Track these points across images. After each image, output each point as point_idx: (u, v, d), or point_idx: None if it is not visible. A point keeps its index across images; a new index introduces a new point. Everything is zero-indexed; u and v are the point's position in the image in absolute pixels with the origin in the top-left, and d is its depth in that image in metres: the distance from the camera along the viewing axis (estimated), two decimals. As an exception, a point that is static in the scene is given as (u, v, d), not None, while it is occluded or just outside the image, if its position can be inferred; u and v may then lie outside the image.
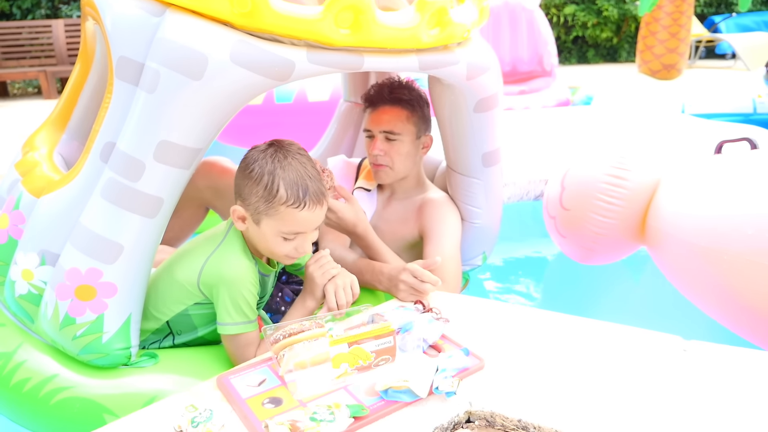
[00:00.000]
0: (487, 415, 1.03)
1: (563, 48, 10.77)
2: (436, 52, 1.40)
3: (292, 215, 1.25)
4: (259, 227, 1.29)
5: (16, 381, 1.31)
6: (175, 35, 1.17)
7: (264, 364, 1.14)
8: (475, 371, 1.12)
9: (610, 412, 1.00)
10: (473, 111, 1.61)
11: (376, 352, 1.07)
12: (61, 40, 7.27)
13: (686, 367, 1.13)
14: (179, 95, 1.18)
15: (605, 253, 2.03)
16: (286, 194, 1.23)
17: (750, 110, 4.80)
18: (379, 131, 1.71)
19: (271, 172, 1.24)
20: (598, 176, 1.92)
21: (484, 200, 1.80)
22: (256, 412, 0.99)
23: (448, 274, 1.66)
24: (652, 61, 5.54)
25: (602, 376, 1.11)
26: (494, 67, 1.59)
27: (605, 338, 1.24)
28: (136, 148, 1.22)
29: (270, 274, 1.46)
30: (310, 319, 1.15)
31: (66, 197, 1.35)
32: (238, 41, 1.18)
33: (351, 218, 1.60)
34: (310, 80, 3.63)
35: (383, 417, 1.00)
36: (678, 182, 1.80)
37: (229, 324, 1.29)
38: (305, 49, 1.23)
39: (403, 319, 1.21)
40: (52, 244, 1.34)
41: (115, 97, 1.29)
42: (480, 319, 1.35)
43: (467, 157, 1.74)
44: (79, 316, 1.27)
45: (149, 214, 1.25)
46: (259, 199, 1.25)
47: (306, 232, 1.30)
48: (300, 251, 1.31)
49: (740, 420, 0.98)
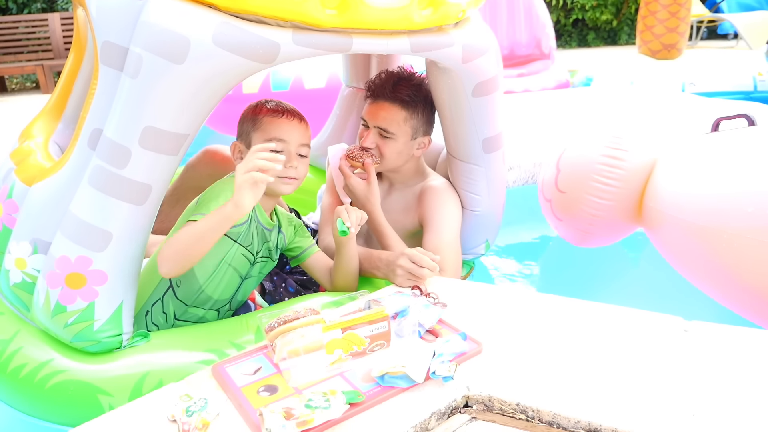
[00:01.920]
0: (485, 400, 1.02)
1: (563, 31, 10.67)
2: (430, 34, 1.36)
3: (273, 122, 1.44)
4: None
5: (13, 367, 1.33)
6: (157, 18, 1.16)
7: (259, 352, 1.12)
8: (473, 355, 1.11)
9: (611, 395, 0.99)
10: (471, 95, 1.57)
11: (370, 337, 1.05)
12: (58, 34, 7.20)
13: (687, 347, 1.12)
14: (162, 80, 1.16)
15: (602, 236, 2.00)
16: (267, 108, 1.47)
17: (751, 88, 4.82)
18: (374, 125, 1.68)
19: (257, 101, 1.51)
20: (593, 157, 1.88)
21: (485, 187, 1.77)
22: (251, 400, 0.98)
23: (447, 262, 1.64)
24: (652, 41, 5.47)
25: (602, 359, 1.09)
26: (493, 50, 1.55)
27: (605, 320, 1.23)
28: (122, 134, 1.21)
29: (271, 229, 1.49)
30: (305, 306, 1.14)
31: (56, 185, 1.35)
32: (222, 23, 1.16)
33: (361, 194, 1.62)
34: (306, 67, 3.60)
35: (380, 403, 0.99)
36: (675, 161, 1.77)
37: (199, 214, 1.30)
38: (291, 30, 1.20)
39: (400, 304, 1.20)
40: (44, 232, 1.34)
41: (101, 83, 1.28)
42: (478, 303, 1.33)
43: (467, 142, 1.70)
44: (69, 304, 1.27)
45: (137, 201, 1.24)
46: (248, 122, 1.48)
47: (288, 143, 1.43)
48: (288, 163, 1.41)
49: (741, 399, 0.96)
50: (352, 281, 1.54)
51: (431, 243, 1.66)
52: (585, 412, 0.95)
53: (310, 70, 3.56)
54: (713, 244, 1.57)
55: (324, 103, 3.47)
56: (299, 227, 1.60)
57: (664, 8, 5.35)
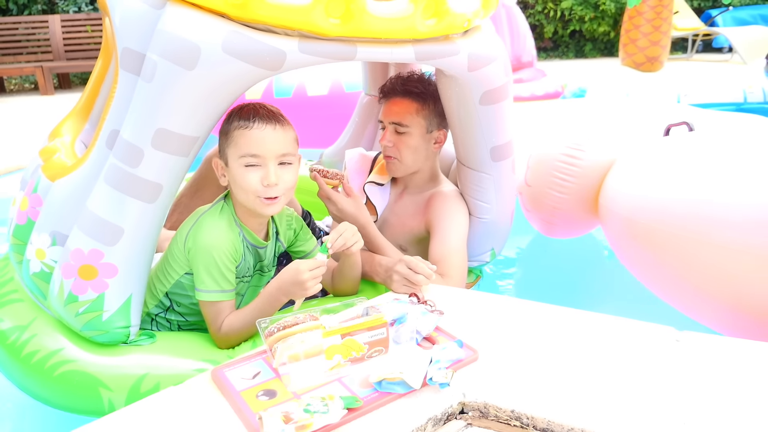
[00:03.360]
0: (480, 406, 1.00)
1: (560, 42, 10.64)
2: (435, 43, 1.34)
3: (243, 135, 1.28)
4: (229, 167, 1.30)
5: (27, 352, 1.36)
6: (171, 27, 1.18)
7: (258, 356, 1.10)
8: (469, 363, 1.09)
9: (604, 403, 0.97)
10: (479, 103, 1.54)
11: (368, 343, 1.03)
12: (58, 36, 7.11)
13: (679, 357, 1.10)
14: (174, 85, 1.18)
15: (565, 227, 2.16)
16: (236, 118, 1.30)
17: (741, 100, 4.94)
18: (389, 122, 1.68)
19: (229, 112, 1.33)
20: (555, 155, 2.05)
21: (493, 195, 1.74)
22: (250, 404, 0.95)
23: (453, 268, 1.61)
24: (636, 54, 5.60)
25: (595, 368, 1.08)
26: (501, 58, 1.51)
27: (598, 329, 1.21)
28: (136, 135, 1.23)
29: (264, 246, 1.44)
30: (305, 312, 1.14)
31: (75, 182, 1.38)
32: (231, 32, 1.17)
33: (350, 211, 1.58)
34: (309, 75, 3.57)
35: (377, 408, 0.97)
36: (623, 162, 1.88)
37: (203, 291, 1.31)
38: (297, 39, 1.20)
39: (398, 311, 1.18)
40: (63, 225, 1.37)
41: (120, 87, 1.32)
42: (474, 311, 1.31)
43: (475, 150, 1.67)
44: (81, 294, 1.30)
45: (149, 199, 1.26)
46: (222, 136, 1.32)
47: (264, 156, 1.27)
48: (266, 183, 1.27)
49: (734, 410, 0.95)
50: (353, 287, 1.52)
51: (437, 249, 1.63)
52: (578, 420, 0.93)
53: (312, 77, 3.54)
54: (652, 242, 1.65)
55: (326, 110, 3.49)
56: (300, 230, 1.54)
57: (647, 22, 5.46)
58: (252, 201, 1.32)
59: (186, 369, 1.29)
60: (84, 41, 7.26)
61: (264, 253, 1.46)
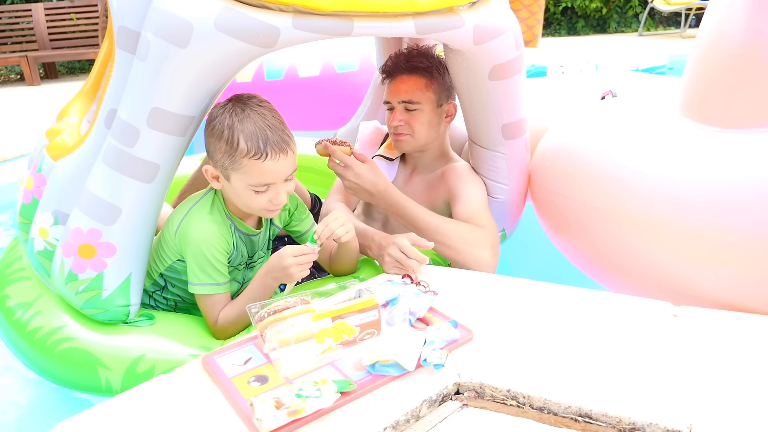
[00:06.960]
0: (476, 387, 0.94)
1: (552, 20, 10.41)
2: (437, 15, 1.23)
3: (256, 167, 1.16)
4: (231, 183, 1.22)
5: (31, 328, 1.35)
6: (164, 4, 1.10)
7: (250, 342, 1.03)
8: (464, 343, 1.03)
9: (601, 381, 0.91)
10: (488, 78, 1.43)
11: (360, 326, 0.96)
12: (42, 25, 6.77)
13: (677, 332, 1.04)
14: (168, 63, 1.11)
15: None
16: (246, 147, 1.15)
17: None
18: (398, 101, 1.56)
19: (230, 126, 1.16)
20: None
21: (506, 175, 1.64)
22: (241, 390, 0.89)
23: (486, 220, 1.51)
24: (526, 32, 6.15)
25: (592, 345, 1.01)
26: (510, 31, 1.38)
27: (595, 306, 1.14)
28: (132, 115, 1.18)
29: (257, 234, 1.37)
30: (296, 296, 1.12)
31: (76, 161, 1.34)
32: (224, 8, 1.08)
33: (369, 176, 1.47)
34: (300, 55, 3.41)
35: (371, 391, 0.91)
36: (550, 132, 1.79)
37: (196, 284, 1.26)
38: (291, 15, 1.11)
39: (391, 292, 1.10)
40: (64, 204, 1.33)
41: (117, 66, 1.26)
42: (468, 291, 1.24)
43: (487, 128, 1.57)
44: (81, 273, 1.26)
45: (146, 179, 1.22)
46: (224, 155, 1.18)
47: (275, 183, 1.20)
48: (275, 203, 1.22)
49: (732, 384, 0.89)
50: (350, 268, 1.45)
51: (464, 209, 1.52)
52: (575, 398, 0.88)
53: (304, 58, 3.37)
54: (568, 210, 1.58)
55: (319, 91, 3.40)
56: (296, 209, 1.45)
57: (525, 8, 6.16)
58: (254, 211, 1.28)
59: (182, 354, 1.24)
60: (69, 29, 6.93)
61: (258, 239, 1.39)
